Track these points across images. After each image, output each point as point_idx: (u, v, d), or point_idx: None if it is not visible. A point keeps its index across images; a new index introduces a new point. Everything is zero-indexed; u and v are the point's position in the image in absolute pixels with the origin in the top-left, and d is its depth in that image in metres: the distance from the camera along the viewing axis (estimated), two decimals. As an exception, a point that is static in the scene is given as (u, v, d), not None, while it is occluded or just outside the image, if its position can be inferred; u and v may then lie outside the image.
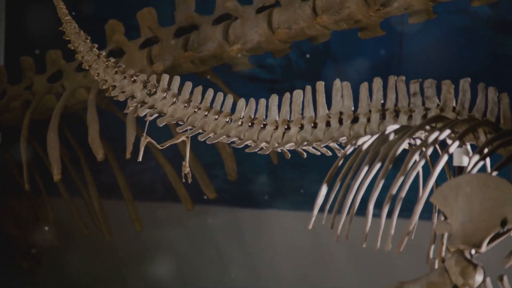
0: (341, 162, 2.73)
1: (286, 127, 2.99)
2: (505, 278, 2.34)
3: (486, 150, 2.49)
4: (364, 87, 2.86)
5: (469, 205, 2.31)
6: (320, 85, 2.94)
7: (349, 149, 2.77)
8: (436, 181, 2.55)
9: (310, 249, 5.45)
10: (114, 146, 4.73)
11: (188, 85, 3.15)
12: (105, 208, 4.80)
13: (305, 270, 5.53)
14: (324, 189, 2.70)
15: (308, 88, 2.96)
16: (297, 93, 2.99)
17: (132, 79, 3.19)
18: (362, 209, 2.61)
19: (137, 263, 5.82)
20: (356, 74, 5.22)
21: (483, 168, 2.57)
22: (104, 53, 3.28)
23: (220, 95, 3.11)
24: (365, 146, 2.70)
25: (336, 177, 2.70)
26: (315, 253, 5.44)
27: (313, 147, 2.97)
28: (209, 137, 3.08)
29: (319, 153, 3.00)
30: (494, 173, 2.37)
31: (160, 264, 5.78)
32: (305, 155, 3.01)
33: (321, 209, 2.71)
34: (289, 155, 3.04)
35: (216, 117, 3.08)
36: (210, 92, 3.12)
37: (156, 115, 3.16)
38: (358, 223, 2.65)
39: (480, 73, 4.95)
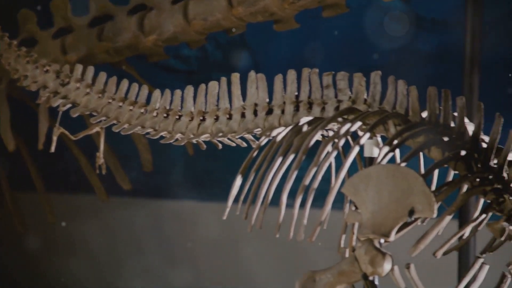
0: (255, 153, 2.75)
1: (201, 118, 2.99)
2: (412, 266, 2.40)
3: (395, 142, 2.55)
4: (278, 79, 2.88)
5: (378, 195, 2.36)
6: (235, 77, 2.95)
7: (264, 141, 2.80)
8: (347, 171, 2.60)
9: (225, 240, 5.47)
10: (26, 136, 4.64)
11: (102, 75, 3.11)
12: (18, 200, 4.71)
13: (221, 260, 5.55)
14: (238, 180, 2.72)
15: (224, 79, 2.97)
16: (213, 84, 2.99)
17: (45, 69, 3.14)
18: (275, 200, 2.64)
19: (51, 256, 5.73)
20: (271, 66, 5.27)
21: (393, 159, 2.64)
22: (15, 42, 3.22)
23: (135, 86, 3.09)
24: (279, 138, 2.73)
25: (250, 168, 2.72)
26: (230, 243, 5.47)
27: (228, 138, 2.99)
28: (124, 128, 3.06)
29: (234, 144, 3.02)
30: (403, 164, 2.43)
31: (75, 257, 5.71)
32: (220, 146, 3.03)
33: (236, 199, 2.73)
34: (205, 146, 3.04)
35: (131, 108, 3.06)
36: (124, 83, 3.10)
37: (69, 105, 3.12)
38: (272, 214, 2.68)
39: (391, 67, 5.07)
